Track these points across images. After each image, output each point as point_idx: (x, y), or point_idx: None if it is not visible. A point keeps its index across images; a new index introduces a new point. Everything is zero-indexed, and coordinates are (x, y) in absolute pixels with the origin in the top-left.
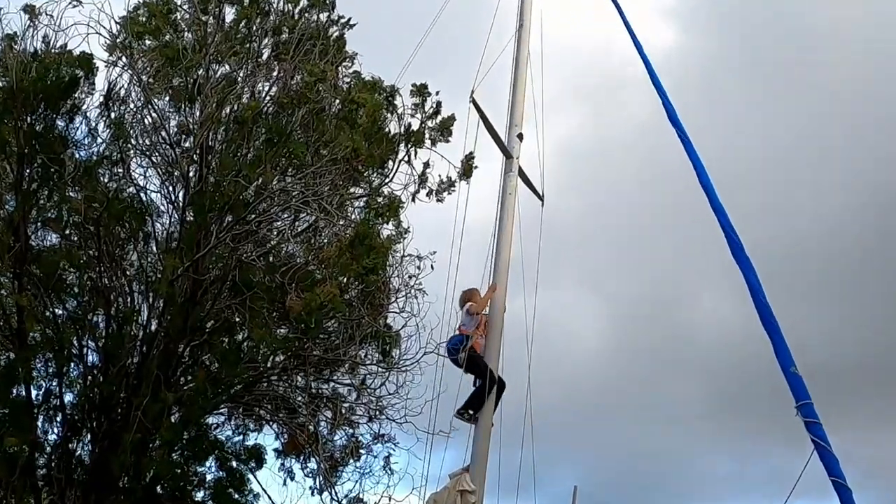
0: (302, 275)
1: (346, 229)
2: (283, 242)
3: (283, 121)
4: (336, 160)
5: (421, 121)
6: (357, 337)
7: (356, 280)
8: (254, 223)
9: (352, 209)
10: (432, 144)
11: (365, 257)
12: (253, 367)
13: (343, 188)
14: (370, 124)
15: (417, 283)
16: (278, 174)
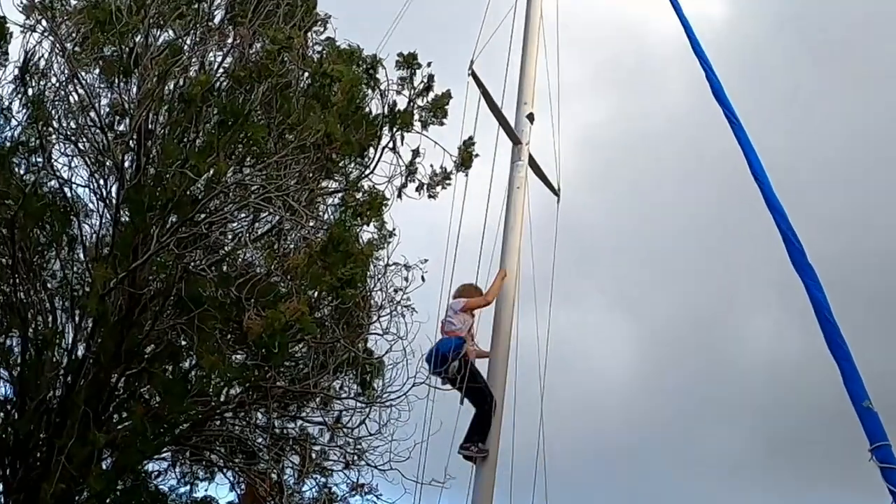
0: (263, 288)
1: (317, 232)
2: (239, 248)
3: (239, 99)
4: (305, 147)
5: (409, 98)
6: (331, 364)
7: (329, 294)
8: (204, 225)
9: (324, 207)
10: (423, 128)
11: (340, 266)
12: (203, 402)
13: (313, 181)
14: (346, 103)
15: (405, 299)
16: (234, 164)
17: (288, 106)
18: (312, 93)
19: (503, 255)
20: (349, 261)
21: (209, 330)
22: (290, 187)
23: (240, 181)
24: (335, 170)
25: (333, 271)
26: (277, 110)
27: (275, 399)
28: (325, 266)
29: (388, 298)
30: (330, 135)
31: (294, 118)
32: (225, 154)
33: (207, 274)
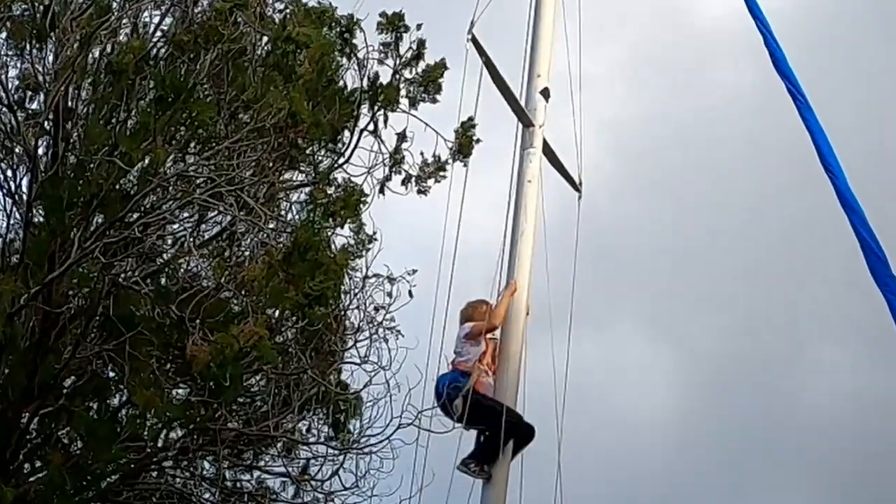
0: (211, 306)
1: (278, 236)
2: (182, 256)
3: (181, 70)
4: (263, 130)
5: (394, 70)
6: (295, 401)
7: (294, 314)
8: (137, 227)
9: (287, 205)
10: (411, 106)
11: (308, 279)
12: (136, 448)
13: (274, 173)
14: (315, 75)
15: (388, 320)
16: (174, 151)
17: (242, 79)
18: (273, 62)
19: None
20: (319, 272)
21: (144, 358)
22: (245, 180)
23: (182, 172)
24: (301, 158)
25: (299, 285)
26: (229, 84)
27: (226, 444)
28: (288, 278)
29: (367, 319)
30: (295, 114)
31: (250, 94)
32: (163, 139)
33: (142, 288)
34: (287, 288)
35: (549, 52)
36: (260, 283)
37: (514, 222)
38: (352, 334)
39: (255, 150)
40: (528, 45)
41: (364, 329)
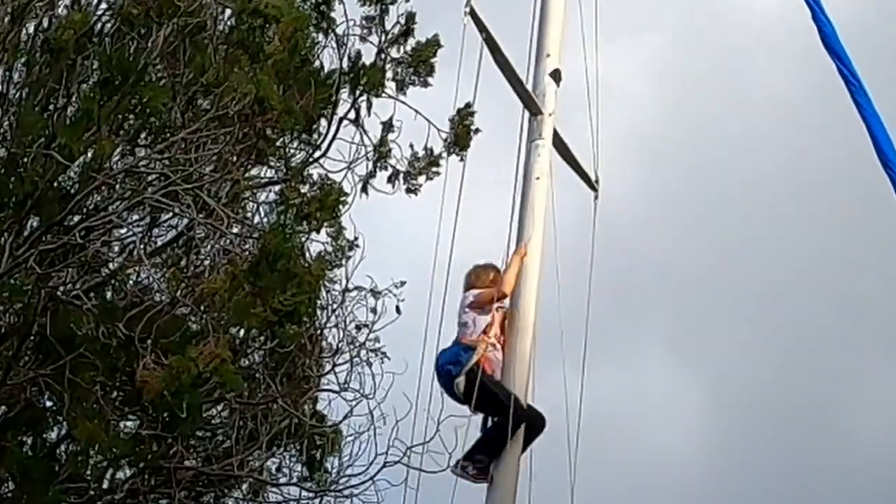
0: (165, 324)
1: (243, 242)
2: (131, 265)
3: (130, 48)
4: (226, 118)
5: (378, 48)
6: (263, 435)
7: (262, 333)
8: (79, 231)
9: (254, 206)
10: (399, 90)
11: (278, 293)
12: (77, 490)
13: (238, 168)
14: (287, 54)
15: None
16: (123, 143)
17: (201, 58)
18: (237, 39)
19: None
20: (291, 284)
21: (86, 385)
22: (205, 177)
23: (131, 168)
24: (270, 151)
25: (268, 299)
26: (186, 65)
27: (182, 486)
28: (255, 292)
29: (347, 339)
30: (262, 100)
31: (210, 76)
32: (109, 129)
33: (84, 303)
34: (254, 303)
35: (561, 28)
36: (222, 298)
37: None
38: (329, 357)
39: (216, 142)
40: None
41: (344, 351)
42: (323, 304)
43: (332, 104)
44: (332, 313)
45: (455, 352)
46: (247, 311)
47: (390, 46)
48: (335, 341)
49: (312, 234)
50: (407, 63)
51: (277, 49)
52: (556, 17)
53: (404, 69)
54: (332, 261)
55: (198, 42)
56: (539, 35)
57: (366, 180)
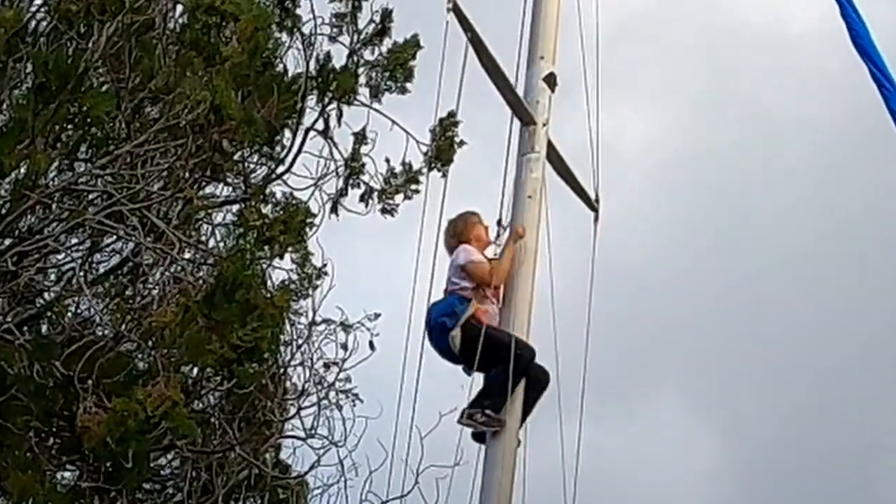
0: (108, 362)
1: (197, 269)
2: (69, 295)
3: (68, 49)
4: (178, 129)
5: (350, 50)
6: (219, 488)
7: (219, 373)
8: (10, 257)
9: (209, 228)
10: (373, 98)
11: (236, 326)
12: None
13: (192, 185)
14: (247, 57)
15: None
16: (59, 157)
17: (149, 61)
18: (190, 39)
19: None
20: (250, 317)
21: (19, 430)
22: (153, 195)
23: (70, 185)
24: (228, 166)
25: (225, 334)
26: (132, 68)
27: None
28: (210, 326)
29: (314, 379)
30: (219, 109)
31: (160, 81)
32: (45, 141)
33: (16, 338)
34: (209, 338)
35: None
36: (173, 332)
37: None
38: (294, 399)
39: (166, 156)
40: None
41: (311, 392)
42: (287, 339)
43: (297, 113)
44: (298, 350)
45: (450, 303)
46: (201, 348)
47: (363, 47)
48: (301, 381)
49: (275, 261)
50: (382, 66)
51: (236, 50)
52: (550, 14)
53: (379, 73)
54: (298, 290)
55: (145, 42)
56: (531, 35)
57: (336, 199)
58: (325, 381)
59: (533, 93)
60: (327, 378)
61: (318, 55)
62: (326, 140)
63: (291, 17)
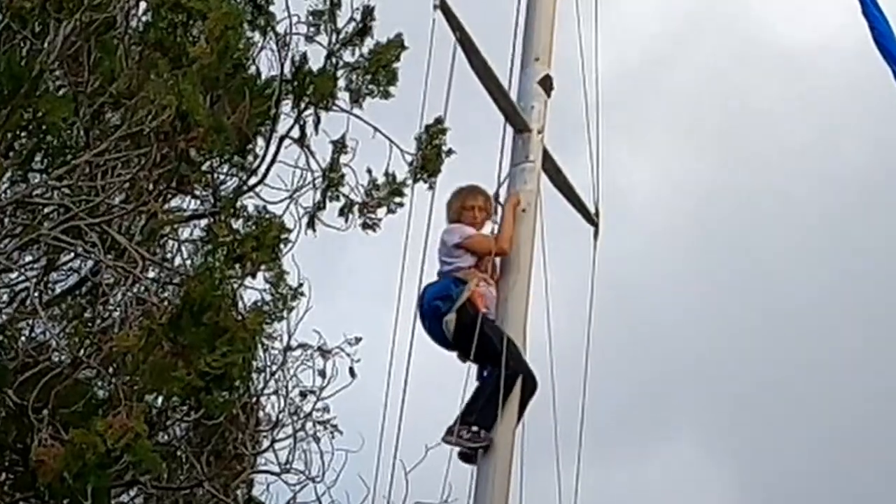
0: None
1: (161, 289)
2: (22, 318)
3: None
4: (141, 136)
5: (328, 51)
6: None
7: (185, 402)
8: None
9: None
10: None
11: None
12: None
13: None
14: (216, 58)
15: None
16: (12, 167)
17: (110, 63)
18: (155, 39)
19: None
20: (220, 341)
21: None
22: (115, 209)
23: (24, 198)
24: (195, 178)
25: (192, 360)
26: (92, 71)
27: None
28: (176, 351)
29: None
30: (186, 115)
31: (122, 85)
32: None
33: None
34: (174, 364)
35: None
36: (136, 358)
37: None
38: (268, 431)
39: (128, 167)
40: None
41: (285, 423)
42: (260, 365)
43: (271, 119)
44: (272, 377)
45: (445, 285)
46: (166, 375)
47: (343, 48)
48: (275, 411)
49: (247, 280)
50: (364, 69)
51: (204, 51)
52: (546, 12)
53: (360, 76)
54: (272, 312)
55: (106, 42)
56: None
57: (313, 213)
58: (302, 411)
59: (527, 97)
60: (304, 408)
61: (293, 56)
62: (302, 149)
63: (264, 14)
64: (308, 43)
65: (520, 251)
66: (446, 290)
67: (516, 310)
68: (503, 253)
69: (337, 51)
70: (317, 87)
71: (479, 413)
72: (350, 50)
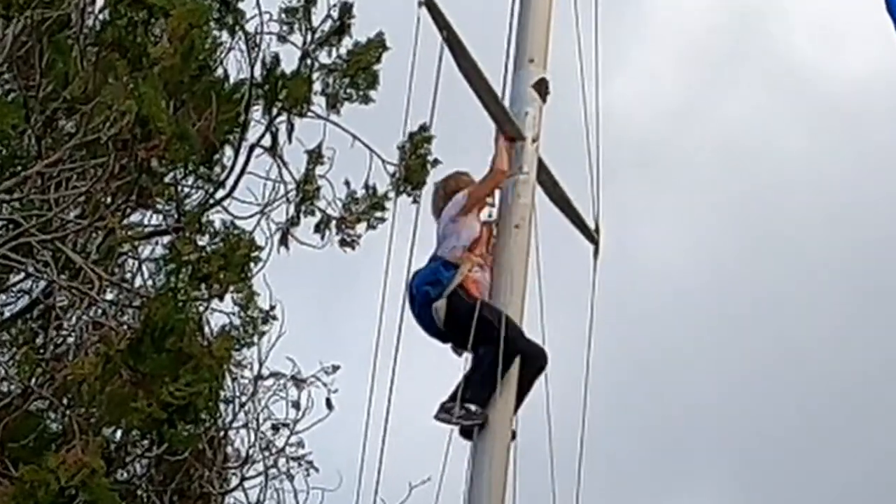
0: (16, 423)
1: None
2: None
3: None
4: (97, 145)
5: (303, 51)
6: None
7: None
8: None
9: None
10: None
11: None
12: None
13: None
14: (180, 60)
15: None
16: None
17: (64, 65)
18: (112, 38)
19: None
20: (184, 370)
21: None
22: (69, 225)
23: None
24: (157, 191)
25: (154, 390)
26: (44, 74)
27: None
28: (136, 380)
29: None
30: (147, 121)
31: (77, 89)
32: None
33: None
34: (134, 394)
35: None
36: (92, 387)
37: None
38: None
39: (84, 178)
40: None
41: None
42: (228, 395)
43: (240, 127)
44: (241, 409)
45: (434, 269)
46: (125, 406)
47: (319, 49)
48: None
49: (214, 302)
50: (341, 71)
51: (166, 52)
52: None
53: (338, 79)
54: (241, 338)
55: (59, 43)
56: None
57: (286, 229)
58: (274, 445)
59: (520, 102)
60: (276, 442)
61: (264, 58)
62: (274, 159)
63: (233, 12)
64: (281, 43)
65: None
66: (435, 274)
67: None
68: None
69: (312, 51)
70: (290, 92)
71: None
72: (326, 50)
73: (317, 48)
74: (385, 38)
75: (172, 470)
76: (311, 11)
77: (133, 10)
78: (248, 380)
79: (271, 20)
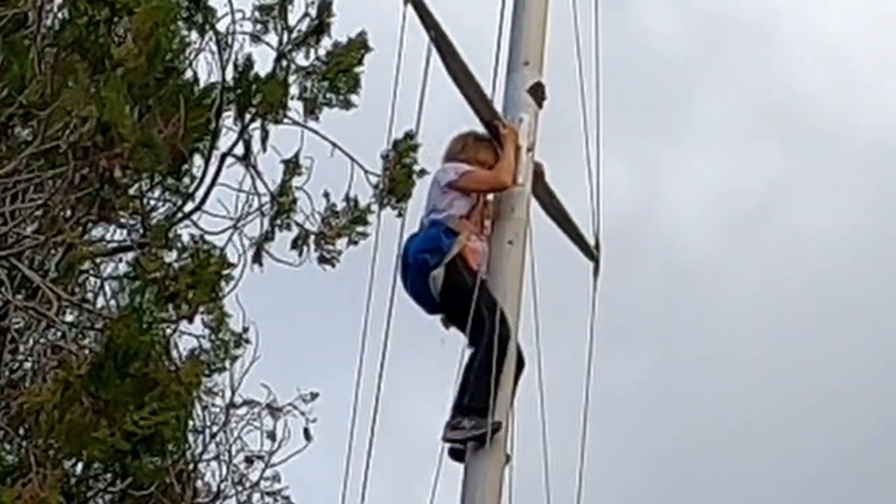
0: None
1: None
2: None
3: None
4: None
5: (279, 52)
6: None
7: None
8: None
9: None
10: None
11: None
12: None
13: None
14: (145, 61)
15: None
16: None
17: (20, 67)
18: (72, 38)
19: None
20: (150, 396)
21: None
22: (25, 240)
23: None
24: (120, 203)
25: (117, 419)
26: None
27: None
28: (98, 408)
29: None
30: (109, 128)
31: (33, 93)
32: None
33: None
34: (96, 423)
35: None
36: (50, 416)
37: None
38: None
39: (41, 189)
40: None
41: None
42: (198, 425)
43: (210, 134)
44: (212, 439)
45: (434, 234)
46: (86, 436)
47: (296, 50)
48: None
49: (182, 324)
50: (320, 74)
51: (131, 53)
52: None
53: (316, 83)
54: (212, 363)
55: (14, 43)
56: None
57: (259, 245)
58: (248, 479)
59: (514, 108)
60: (250, 476)
61: (236, 59)
62: (248, 169)
63: (203, 10)
64: (254, 43)
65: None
66: (435, 240)
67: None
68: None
69: (289, 52)
70: (265, 96)
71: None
72: (304, 52)
73: (293, 49)
74: (368, 39)
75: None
76: (287, 9)
77: (94, 8)
78: (220, 408)
79: (244, 19)
